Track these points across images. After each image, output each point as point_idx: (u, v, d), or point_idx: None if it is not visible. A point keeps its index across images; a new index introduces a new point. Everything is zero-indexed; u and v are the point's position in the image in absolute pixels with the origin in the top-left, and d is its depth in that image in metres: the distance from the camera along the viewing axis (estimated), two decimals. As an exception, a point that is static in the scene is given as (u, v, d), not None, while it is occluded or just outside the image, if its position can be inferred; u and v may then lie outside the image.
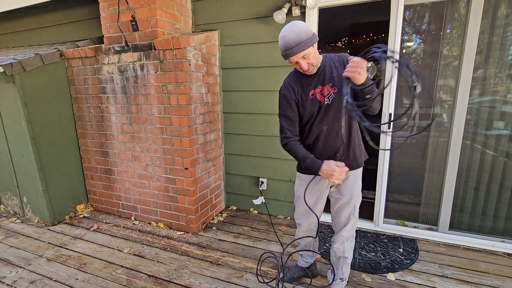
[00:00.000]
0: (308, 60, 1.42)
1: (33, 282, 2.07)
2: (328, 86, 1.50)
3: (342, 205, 1.67)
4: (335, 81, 1.49)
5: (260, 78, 2.76)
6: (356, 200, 1.66)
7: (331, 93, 1.50)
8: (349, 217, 1.67)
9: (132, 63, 2.58)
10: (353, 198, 1.64)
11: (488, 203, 2.40)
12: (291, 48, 1.37)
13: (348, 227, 1.69)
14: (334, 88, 1.49)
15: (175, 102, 2.48)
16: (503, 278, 2.02)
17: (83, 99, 2.95)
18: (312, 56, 1.42)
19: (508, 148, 2.28)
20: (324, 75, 1.52)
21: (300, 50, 1.37)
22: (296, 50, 1.37)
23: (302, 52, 1.38)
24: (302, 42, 1.36)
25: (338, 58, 1.53)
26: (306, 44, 1.37)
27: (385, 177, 2.54)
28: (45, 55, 2.72)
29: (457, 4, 2.22)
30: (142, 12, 2.45)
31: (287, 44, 1.38)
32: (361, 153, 1.63)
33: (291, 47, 1.37)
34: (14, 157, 2.88)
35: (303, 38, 1.36)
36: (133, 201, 2.98)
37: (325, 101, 1.51)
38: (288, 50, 1.38)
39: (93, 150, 3.06)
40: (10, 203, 3.18)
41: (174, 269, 2.19)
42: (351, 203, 1.65)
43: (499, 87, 2.24)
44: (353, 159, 1.60)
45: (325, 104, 1.52)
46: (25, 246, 2.53)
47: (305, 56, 1.40)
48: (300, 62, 1.42)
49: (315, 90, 1.53)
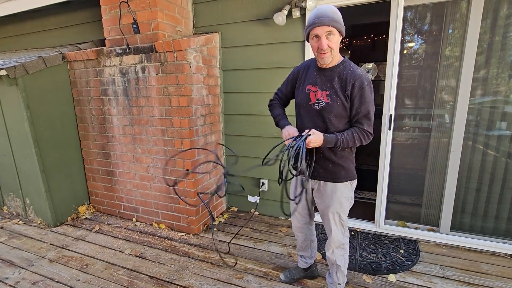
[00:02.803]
0: (330, 42, 1.39)
1: (36, 283, 2.09)
2: (324, 93, 1.49)
3: (322, 210, 1.68)
4: (332, 92, 1.47)
5: (261, 80, 2.77)
6: (336, 210, 1.61)
7: (323, 101, 1.49)
8: (331, 224, 1.64)
9: (134, 65, 2.59)
10: (331, 206, 1.61)
11: (490, 204, 2.39)
12: (322, 18, 1.34)
13: (334, 236, 1.66)
14: (328, 98, 1.48)
15: (176, 104, 2.49)
16: (505, 279, 2.00)
17: (85, 101, 2.97)
18: (334, 41, 1.40)
19: (509, 149, 2.27)
20: (327, 79, 1.50)
21: (330, 23, 1.34)
22: (327, 21, 1.34)
23: (330, 27, 1.35)
24: (334, 18, 1.36)
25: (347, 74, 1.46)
26: (337, 22, 1.37)
27: (386, 178, 2.54)
28: (48, 58, 2.74)
29: (458, 4, 2.22)
30: (143, 14, 2.47)
31: (320, 14, 1.36)
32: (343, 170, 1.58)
33: (323, 16, 1.34)
34: (17, 159, 2.90)
35: (336, 16, 1.38)
36: (135, 203, 2.99)
37: (314, 103, 1.52)
38: (318, 18, 1.35)
39: (95, 151, 3.08)
40: (13, 205, 3.20)
41: (175, 270, 2.20)
42: (330, 210, 1.62)
43: (500, 88, 2.23)
44: (331, 171, 1.58)
45: (314, 107, 1.53)
46: (28, 247, 2.55)
47: (331, 33, 1.37)
48: (321, 39, 1.38)
49: (311, 87, 1.54)
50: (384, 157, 2.51)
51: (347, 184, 1.61)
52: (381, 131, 2.48)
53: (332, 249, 1.71)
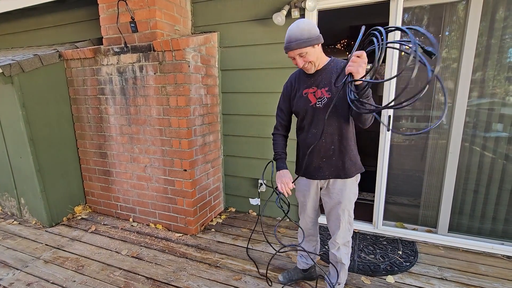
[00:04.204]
0: (305, 58, 1.44)
1: (30, 285, 2.05)
2: (324, 90, 1.51)
3: (331, 208, 1.67)
4: (331, 87, 1.49)
5: (259, 80, 2.76)
6: (346, 207, 1.62)
7: (325, 97, 1.50)
8: (340, 222, 1.64)
9: (131, 65, 2.57)
10: (341, 203, 1.61)
11: (487, 205, 2.40)
12: (290, 43, 1.41)
13: (341, 233, 1.66)
14: (329, 93, 1.49)
15: (174, 104, 2.47)
16: (502, 280, 2.01)
17: (82, 100, 2.94)
18: (310, 56, 1.43)
19: (507, 151, 2.28)
20: (322, 78, 1.52)
21: (297, 47, 1.39)
22: (294, 46, 1.40)
23: (299, 49, 1.40)
24: (301, 40, 1.38)
25: (339, 67, 1.50)
26: (304, 43, 1.38)
27: (384, 179, 2.54)
28: (44, 56, 2.71)
29: (456, 6, 2.23)
30: (141, 13, 2.45)
31: (288, 38, 1.42)
32: (352, 165, 1.59)
33: (290, 41, 1.40)
34: (12, 158, 2.86)
35: (304, 36, 1.37)
36: (132, 203, 2.96)
37: (316, 103, 1.53)
38: (287, 44, 1.42)
39: (92, 151, 3.04)
40: (8, 204, 3.16)
41: (172, 271, 2.18)
42: (340, 207, 1.62)
43: (497, 90, 2.24)
44: (341, 168, 1.57)
45: (316, 107, 1.53)
46: (22, 248, 2.51)
47: (302, 54, 1.42)
48: (296, 59, 1.45)
49: (309, 90, 1.56)
50: (382, 158, 2.51)
51: (354, 179, 1.62)
52: (380, 132, 2.48)
53: (338, 246, 1.69)
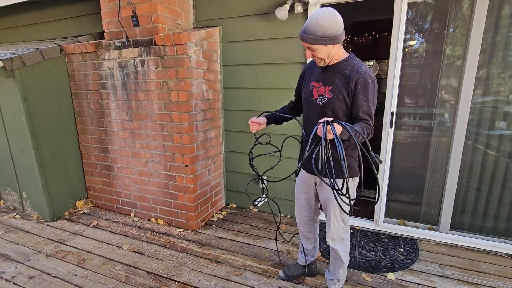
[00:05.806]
0: (314, 53, 1.43)
1: (32, 278, 2.06)
2: (327, 88, 1.50)
3: (323, 204, 1.70)
4: (335, 88, 1.47)
5: (262, 76, 2.74)
6: (336, 205, 1.59)
7: (326, 96, 1.49)
8: (330, 218, 1.64)
9: (133, 59, 2.56)
10: (330, 201, 1.60)
11: (490, 204, 2.39)
12: (304, 33, 1.38)
13: (333, 229, 1.65)
14: (331, 93, 1.48)
15: (176, 99, 2.46)
16: (504, 279, 2.00)
17: (83, 95, 2.93)
18: (319, 53, 1.41)
19: (510, 149, 2.26)
20: (330, 75, 1.50)
21: (308, 40, 1.38)
22: (305, 38, 1.38)
23: (308, 44, 1.39)
24: (314, 35, 1.35)
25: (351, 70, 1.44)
26: (316, 40, 1.36)
27: (386, 176, 2.53)
28: (45, 50, 2.70)
29: (461, 3, 2.19)
30: (143, 7, 2.42)
31: (304, 27, 1.39)
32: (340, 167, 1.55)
33: (305, 31, 1.38)
34: (13, 152, 2.87)
35: (318, 33, 1.34)
36: (133, 198, 2.97)
37: (317, 99, 1.53)
38: (301, 32, 1.40)
39: (93, 146, 3.04)
40: (10, 199, 3.17)
41: (173, 266, 2.18)
42: (330, 204, 1.61)
43: (502, 88, 2.22)
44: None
45: (316, 103, 1.53)
46: (24, 242, 2.52)
47: (311, 48, 1.41)
48: (306, 50, 1.45)
49: (315, 84, 1.55)
50: (384, 155, 2.49)
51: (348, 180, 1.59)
52: (382, 129, 2.46)
53: (333, 243, 1.69)
